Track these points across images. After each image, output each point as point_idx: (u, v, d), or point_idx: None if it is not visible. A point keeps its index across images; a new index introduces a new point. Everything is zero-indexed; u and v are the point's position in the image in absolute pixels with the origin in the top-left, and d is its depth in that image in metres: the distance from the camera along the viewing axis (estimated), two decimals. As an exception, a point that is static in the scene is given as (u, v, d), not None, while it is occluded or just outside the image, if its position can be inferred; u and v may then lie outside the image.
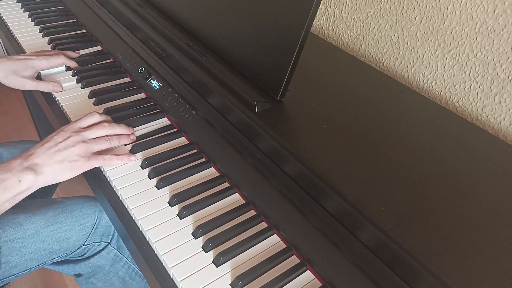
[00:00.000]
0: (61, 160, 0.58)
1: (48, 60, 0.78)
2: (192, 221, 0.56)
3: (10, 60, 0.75)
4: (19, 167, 0.56)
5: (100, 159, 0.62)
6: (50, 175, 0.57)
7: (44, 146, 0.59)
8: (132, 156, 0.65)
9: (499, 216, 0.49)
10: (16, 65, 0.75)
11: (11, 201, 0.55)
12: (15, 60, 0.75)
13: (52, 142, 0.59)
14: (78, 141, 0.60)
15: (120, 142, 0.66)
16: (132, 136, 0.68)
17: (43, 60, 0.78)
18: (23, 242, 0.64)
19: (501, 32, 0.65)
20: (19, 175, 0.55)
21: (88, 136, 0.62)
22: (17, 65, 0.75)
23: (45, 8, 1.06)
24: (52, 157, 0.58)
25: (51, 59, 0.79)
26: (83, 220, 0.70)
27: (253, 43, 0.65)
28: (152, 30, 0.80)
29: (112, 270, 0.79)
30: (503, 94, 0.68)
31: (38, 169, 0.57)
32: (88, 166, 0.61)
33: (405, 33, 0.81)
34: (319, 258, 0.50)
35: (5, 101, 1.89)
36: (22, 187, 0.55)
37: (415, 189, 0.51)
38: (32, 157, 0.57)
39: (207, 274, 0.50)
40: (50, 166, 0.57)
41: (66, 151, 0.59)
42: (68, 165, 0.58)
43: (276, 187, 0.56)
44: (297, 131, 0.59)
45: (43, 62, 0.78)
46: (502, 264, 0.43)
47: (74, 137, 0.60)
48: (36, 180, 0.56)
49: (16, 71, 0.75)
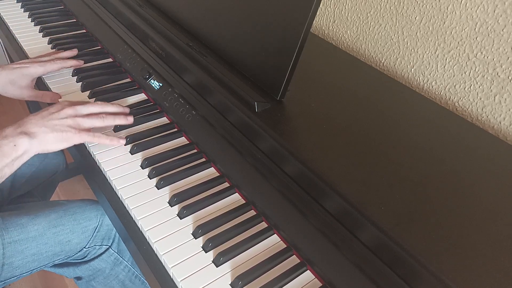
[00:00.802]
0: (53, 129, 0.60)
1: (43, 67, 0.77)
2: (192, 221, 0.56)
3: (5, 70, 0.74)
4: (13, 133, 0.58)
5: (91, 134, 0.63)
6: (43, 141, 0.59)
7: (38, 115, 0.61)
8: (122, 140, 0.66)
9: (499, 216, 0.49)
10: (12, 74, 0.74)
11: (9, 167, 0.57)
12: (10, 70, 0.74)
13: (46, 112, 0.62)
14: (71, 114, 0.62)
15: (115, 121, 0.67)
16: (130, 118, 0.69)
17: (38, 67, 0.77)
18: (26, 243, 0.64)
19: (501, 32, 0.65)
20: (14, 140, 0.57)
21: (81, 111, 0.63)
22: (13, 74, 0.74)
23: (45, 8, 1.06)
24: (45, 125, 0.60)
25: (46, 66, 0.78)
26: (85, 223, 0.70)
27: (253, 43, 0.65)
28: (152, 30, 0.80)
29: (112, 273, 0.79)
30: (503, 94, 0.68)
31: (31, 134, 0.58)
32: (78, 138, 0.62)
33: (405, 33, 0.81)
34: (319, 258, 0.50)
35: (5, 101, 1.89)
36: (18, 151, 0.57)
37: (415, 189, 0.51)
38: (25, 123, 0.59)
39: (207, 274, 0.50)
40: (43, 132, 0.59)
41: (58, 121, 0.61)
42: (59, 135, 0.60)
43: (276, 187, 0.56)
44: (297, 131, 0.59)
45: (38, 69, 0.77)
46: (502, 264, 0.43)
47: (67, 110, 0.62)
48: (31, 145, 0.58)
49: (13, 81, 0.74)
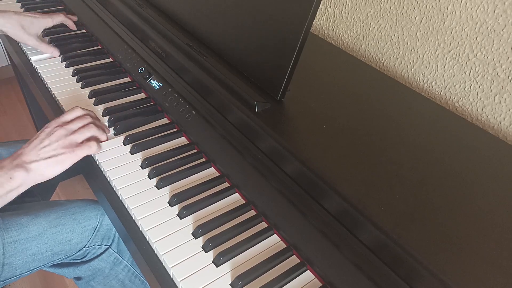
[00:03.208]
0: (48, 156, 0.60)
1: (51, 18, 0.88)
2: (192, 221, 0.56)
3: (18, 15, 0.82)
4: (9, 166, 0.58)
5: (86, 147, 0.63)
6: (39, 172, 0.59)
7: (30, 145, 0.61)
8: (107, 129, 0.69)
9: (499, 216, 0.49)
10: (24, 21, 0.82)
11: (3, 198, 0.57)
12: (23, 16, 0.83)
13: (37, 140, 0.61)
14: (62, 135, 0.62)
15: (105, 130, 0.68)
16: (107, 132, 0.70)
17: (48, 18, 0.87)
18: (26, 243, 0.64)
19: (501, 32, 0.65)
20: (10, 173, 0.57)
21: (71, 129, 0.63)
22: (25, 20, 0.82)
23: (45, 8, 1.06)
24: (39, 154, 0.59)
25: (54, 17, 0.88)
26: (85, 222, 0.70)
27: (253, 43, 0.65)
28: (152, 30, 0.80)
29: (112, 273, 0.79)
30: (503, 94, 0.68)
31: (27, 167, 0.58)
32: (75, 157, 0.62)
33: (405, 33, 0.81)
34: (319, 258, 0.50)
35: (5, 101, 1.89)
36: (14, 184, 0.57)
37: (415, 189, 0.51)
38: (20, 155, 0.59)
39: (207, 274, 0.50)
40: (37, 162, 0.59)
41: (50, 146, 0.60)
42: (55, 160, 0.60)
43: (276, 187, 0.56)
44: (297, 131, 0.59)
45: (47, 19, 0.87)
46: (502, 264, 0.43)
47: (57, 132, 0.62)
48: (27, 177, 0.58)
49: (24, 26, 0.82)
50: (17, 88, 1.87)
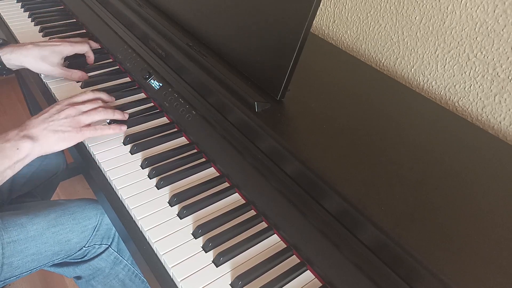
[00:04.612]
0: (55, 130, 0.61)
1: (72, 47, 0.82)
2: (192, 221, 0.56)
3: (37, 46, 0.77)
4: (16, 137, 0.59)
5: (92, 129, 0.64)
6: (46, 144, 0.60)
7: (39, 117, 0.62)
8: (123, 126, 0.68)
9: (499, 216, 0.49)
10: (45, 51, 0.77)
11: (12, 168, 0.58)
12: (42, 46, 0.78)
13: (47, 114, 0.63)
14: (71, 114, 0.63)
15: (114, 115, 0.68)
16: (126, 114, 0.70)
17: (68, 46, 0.81)
18: (25, 243, 0.64)
19: (501, 32, 0.65)
20: (17, 143, 0.58)
21: (81, 109, 0.65)
22: (45, 50, 0.78)
23: (45, 8, 1.06)
24: (46, 127, 0.61)
25: (75, 46, 0.82)
26: (85, 222, 0.70)
27: (253, 43, 0.65)
28: (152, 30, 0.80)
29: (112, 272, 0.79)
30: (503, 94, 0.68)
31: (34, 137, 0.59)
32: (81, 136, 0.63)
33: (405, 33, 0.81)
34: (319, 258, 0.50)
35: (5, 101, 1.89)
36: (21, 154, 0.58)
37: (415, 189, 0.51)
38: (28, 127, 0.60)
39: (207, 274, 0.50)
40: (44, 135, 0.60)
41: (59, 121, 0.62)
42: (62, 136, 0.61)
43: (276, 187, 0.56)
44: (297, 131, 0.59)
45: (68, 47, 0.81)
46: (502, 264, 0.43)
47: (67, 110, 0.63)
48: (33, 148, 0.59)
49: (45, 57, 0.78)
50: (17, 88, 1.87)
